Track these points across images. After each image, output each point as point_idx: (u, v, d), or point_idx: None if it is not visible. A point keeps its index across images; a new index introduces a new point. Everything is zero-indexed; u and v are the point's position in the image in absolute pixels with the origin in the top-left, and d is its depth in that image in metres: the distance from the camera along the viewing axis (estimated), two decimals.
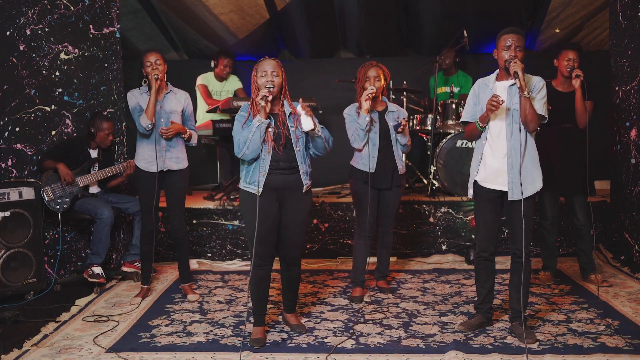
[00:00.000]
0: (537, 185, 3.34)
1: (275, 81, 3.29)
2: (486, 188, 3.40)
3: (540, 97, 3.27)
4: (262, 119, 3.23)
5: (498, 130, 3.34)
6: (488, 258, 3.50)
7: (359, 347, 3.35)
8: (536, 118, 3.21)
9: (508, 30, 3.31)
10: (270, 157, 3.29)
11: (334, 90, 6.86)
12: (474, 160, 3.47)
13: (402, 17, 6.74)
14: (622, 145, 4.99)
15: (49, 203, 4.47)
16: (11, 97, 4.45)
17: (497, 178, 3.35)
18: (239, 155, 3.30)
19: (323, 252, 5.40)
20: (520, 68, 3.16)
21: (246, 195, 3.35)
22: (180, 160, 4.20)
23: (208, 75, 6.29)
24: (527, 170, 3.30)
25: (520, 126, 3.26)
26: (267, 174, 3.29)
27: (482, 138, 3.41)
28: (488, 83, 3.43)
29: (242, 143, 3.26)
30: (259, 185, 3.27)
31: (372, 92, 3.94)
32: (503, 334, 3.49)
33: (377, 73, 4.05)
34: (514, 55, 3.23)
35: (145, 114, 4.02)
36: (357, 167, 4.13)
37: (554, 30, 6.74)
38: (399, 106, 4.29)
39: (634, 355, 3.15)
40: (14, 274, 4.23)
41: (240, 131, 3.29)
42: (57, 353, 3.32)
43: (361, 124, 3.97)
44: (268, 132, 3.29)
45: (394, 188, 4.16)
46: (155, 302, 4.20)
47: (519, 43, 3.26)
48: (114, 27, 5.09)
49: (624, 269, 4.79)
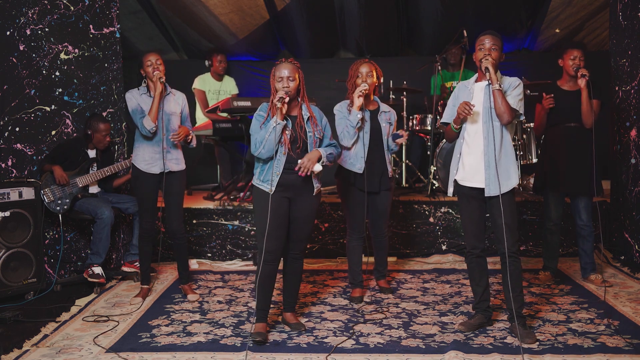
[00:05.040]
0: (512, 182, 3.39)
1: (291, 85, 3.33)
2: (466, 187, 3.46)
3: (516, 93, 3.35)
4: (279, 120, 3.28)
5: (475, 129, 3.41)
6: (479, 255, 3.53)
7: (359, 347, 3.34)
8: (509, 110, 3.28)
9: (485, 32, 3.42)
10: (285, 159, 3.35)
11: (334, 90, 6.85)
12: (453, 160, 3.54)
13: (402, 17, 6.75)
14: (622, 145, 4.99)
15: (49, 204, 4.47)
16: (11, 97, 4.45)
17: (474, 175, 3.41)
18: (255, 153, 3.35)
19: (323, 252, 5.40)
20: (491, 64, 3.28)
21: (259, 192, 3.41)
22: (179, 162, 4.20)
23: (205, 77, 6.30)
24: (503, 166, 3.35)
25: (497, 124, 3.33)
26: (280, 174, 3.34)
27: (460, 137, 3.50)
28: (467, 85, 3.52)
29: (259, 142, 3.32)
30: (272, 184, 3.33)
31: (365, 89, 3.90)
32: (503, 334, 3.49)
33: (369, 69, 3.99)
34: (487, 54, 3.32)
35: (149, 116, 4.01)
36: (345, 166, 4.05)
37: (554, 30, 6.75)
38: (390, 107, 4.24)
39: (634, 355, 3.15)
40: (14, 274, 4.23)
41: (258, 130, 3.35)
42: (57, 353, 3.32)
43: (352, 120, 3.90)
44: (285, 134, 3.35)
45: (382, 192, 4.10)
46: (155, 302, 4.20)
47: (494, 43, 3.35)
48: (113, 27, 5.09)
49: (624, 269, 4.79)
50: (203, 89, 6.26)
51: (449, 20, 6.47)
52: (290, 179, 3.37)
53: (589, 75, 4.07)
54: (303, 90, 3.43)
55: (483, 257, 3.56)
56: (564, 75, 4.32)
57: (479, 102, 3.39)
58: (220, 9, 6.34)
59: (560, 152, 4.30)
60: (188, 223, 5.32)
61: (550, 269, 4.56)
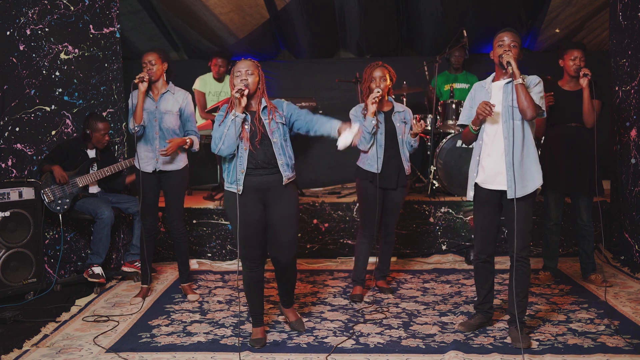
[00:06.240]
0: (536, 183, 3.31)
1: (250, 80, 3.27)
2: (486, 189, 3.39)
3: (537, 90, 3.26)
4: (238, 112, 3.21)
5: (494, 130, 3.33)
6: (486, 260, 3.49)
7: (359, 347, 3.35)
8: (533, 105, 3.17)
9: (503, 29, 3.35)
10: (247, 154, 3.27)
11: (334, 90, 6.87)
12: (472, 162, 3.46)
13: (402, 17, 6.75)
14: (622, 145, 4.98)
15: (49, 204, 4.47)
16: (11, 97, 4.45)
17: (496, 178, 3.34)
18: (215, 151, 3.27)
19: (323, 252, 5.40)
20: (513, 58, 3.18)
21: (229, 196, 3.34)
22: (176, 161, 4.17)
23: (206, 77, 6.29)
24: (526, 167, 3.28)
25: (519, 123, 3.24)
26: (246, 173, 3.27)
27: (478, 139, 3.41)
28: (484, 85, 3.44)
29: (218, 138, 3.25)
30: (238, 183, 3.27)
31: (379, 94, 3.92)
32: (503, 334, 3.49)
33: (382, 73, 4.03)
34: (507, 49, 3.24)
35: (133, 117, 4.01)
36: (363, 167, 4.12)
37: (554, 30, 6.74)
38: (405, 106, 4.29)
39: (634, 355, 3.15)
40: (14, 274, 4.23)
41: (217, 128, 3.29)
42: (57, 353, 3.32)
43: (367, 127, 3.95)
44: (244, 129, 3.27)
45: (399, 188, 4.16)
46: (155, 302, 4.20)
47: (514, 39, 3.27)
48: (113, 27, 5.09)
49: (624, 269, 4.79)
50: (203, 91, 6.25)
51: (449, 20, 6.46)
52: (257, 180, 3.29)
53: (591, 75, 4.07)
54: (263, 87, 3.36)
55: (490, 262, 3.51)
56: (564, 76, 4.31)
57: (498, 101, 3.30)
58: (220, 9, 6.34)
59: (561, 152, 4.29)
60: (188, 223, 5.31)
61: (550, 269, 4.56)
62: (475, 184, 3.43)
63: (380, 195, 4.10)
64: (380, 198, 4.10)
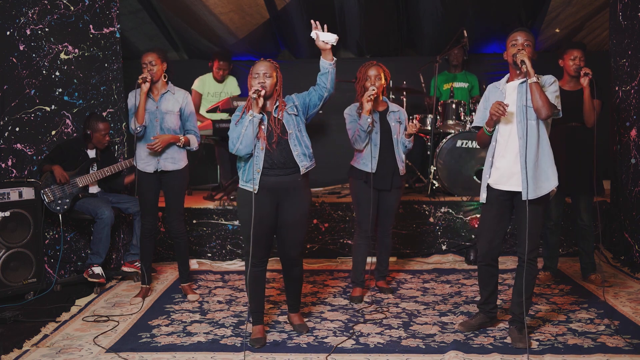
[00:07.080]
0: (551, 184, 3.27)
1: (267, 82, 3.30)
2: (498, 190, 3.34)
3: (552, 90, 3.23)
4: (255, 113, 3.24)
5: (509, 130, 3.29)
6: (490, 263, 3.46)
7: (359, 347, 3.35)
8: (548, 104, 3.14)
9: (516, 29, 3.32)
10: (264, 154, 3.30)
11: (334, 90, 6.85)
12: (485, 164, 3.42)
13: (402, 17, 6.75)
14: (622, 145, 4.98)
15: (49, 204, 4.47)
16: (11, 97, 4.45)
17: (509, 179, 3.29)
18: (233, 151, 3.31)
19: (323, 252, 5.40)
20: (527, 57, 3.14)
21: (243, 193, 3.36)
22: (176, 161, 4.17)
23: (206, 77, 6.28)
24: (541, 168, 3.24)
25: (533, 123, 3.21)
26: (262, 173, 3.30)
27: (492, 140, 3.37)
28: (498, 86, 3.41)
29: (235, 138, 3.29)
30: (254, 182, 3.29)
31: (374, 92, 3.92)
32: (503, 334, 3.49)
33: (377, 72, 4.03)
34: (521, 48, 3.21)
35: (135, 117, 4.01)
36: (358, 167, 4.12)
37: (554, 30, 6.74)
38: (399, 106, 4.29)
39: (634, 355, 3.15)
40: (14, 274, 4.23)
41: (234, 128, 3.32)
42: (57, 353, 3.32)
43: (363, 125, 3.95)
44: (261, 129, 3.30)
45: (393, 189, 4.15)
46: (155, 302, 4.20)
47: (527, 39, 3.24)
48: (113, 27, 5.09)
49: (624, 269, 4.79)
50: (201, 92, 6.24)
51: (449, 20, 6.46)
52: (273, 180, 3.32)
53: (591, 74, 4.07)
54: (280, 89, 3.39)
55: (494, 266, 3.48)
56: (564, 76, 4.31)
57: (512, 101, 3.26)
58: (220, 9, 6.34)
59: (561, 152, 4.28)
60: (188, 223, 5.31)
61: (550, 269, 4.56)
62: (487, 185, 3.39)
63: (375, 196, 4.09)
64: (374, 198, 4.09)
